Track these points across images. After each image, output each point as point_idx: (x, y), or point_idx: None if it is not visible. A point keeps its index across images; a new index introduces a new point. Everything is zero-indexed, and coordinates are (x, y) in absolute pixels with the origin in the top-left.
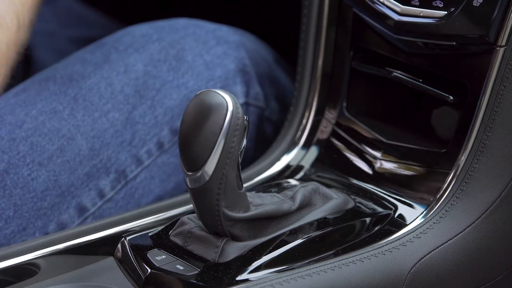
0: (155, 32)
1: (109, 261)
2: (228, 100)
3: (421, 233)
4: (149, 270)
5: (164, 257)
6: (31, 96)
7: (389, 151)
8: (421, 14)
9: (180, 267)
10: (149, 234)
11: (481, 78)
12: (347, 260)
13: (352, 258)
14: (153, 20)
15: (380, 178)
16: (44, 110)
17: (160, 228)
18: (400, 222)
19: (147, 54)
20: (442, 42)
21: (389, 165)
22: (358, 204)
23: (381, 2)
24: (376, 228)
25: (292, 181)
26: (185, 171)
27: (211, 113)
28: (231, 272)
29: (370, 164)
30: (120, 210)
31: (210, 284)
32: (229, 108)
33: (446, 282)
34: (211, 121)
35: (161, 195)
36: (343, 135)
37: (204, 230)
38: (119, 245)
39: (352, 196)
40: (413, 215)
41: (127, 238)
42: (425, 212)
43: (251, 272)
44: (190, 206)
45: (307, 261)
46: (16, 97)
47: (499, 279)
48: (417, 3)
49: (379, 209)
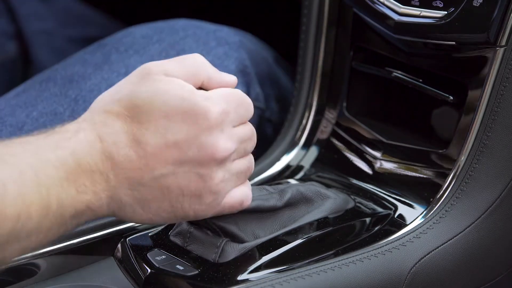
0: (155, 33)
1: (109, 261)
2: None
3: (421, 233)
4: (149, 270)
5: (164, 257)
6: (31, 97)
7: (389, 151)
8: (421, 14)
9: (180, 267)
10: (149, 234)
11: (481, 78)
12: (347, 260)
13: (352, 258)
14: (153, 19)
15: (380, 178)
16: (45, 111)
17: (160, 228)
18: (400, 222)
19: (147, 56)
20: (442, 42)
21: (389, 165)
22: (358, 204)
23: (381, 2)
24: (376, 228)
25: (292, 181)
26: None
27: None
28: (231, 272)
29: (370, 164)
30: None
31: (210, 284)
32: None
33: (446, 282)
34: None
35: None
36: (343, 135)
37: (203, 230)
38: (119, 245)
39: (352, 196)
40: (413, 215)
41: (127, 238)
42: (425, 212)
43: (251, 272)
44: None
45: (307, 261)
46: (17, 98)
47: (499, 279)
48: (417, 3)
49: (379, 209)
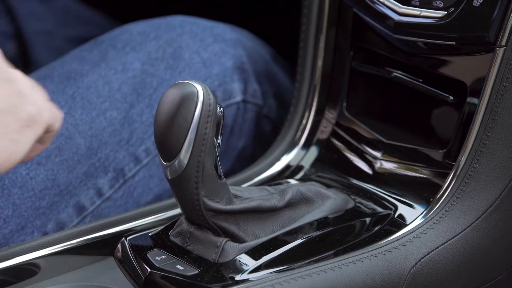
0: (152, 30)
1: (109, 261)
2: (199, 88)
3: (421, 233)
4: (149, 270)
5: (164, 257)
6: None
7: (389, 151)
8: (421, 14)
9: (180, 267)
10: (149, 234)
11: (481, 78)
12: (347, 260)
13: (352, 258)
14: (150, 17)
15: (380, 178)
16: None
17: (160, 228)
18: (400, 222)
19: (144, 53)
20: (442, 42)
21: (389, 165)
22: (358, 204)
23: (381, 2)
24: (376, 228)
25: (292, 181)
26: (163, 163)
27: (183, 101)
28: (231, 272)
29: (370, 164)
30: (119, 209)
31: (210, 284)
32: (200, 96)
33: (446, 282)
34: (183, 108)
35: (160, 194)
36: (343, 135)
37: (204, 230)
38: (119, 245)
39: (352, 196)
40: (413, 215)
41: (127, 238)
42: (425, 212)
43: (251, 272)
44: None
45: (307, 261)
46: None
47: (499, 279)
48: (417, 3)
49: (379, 209)
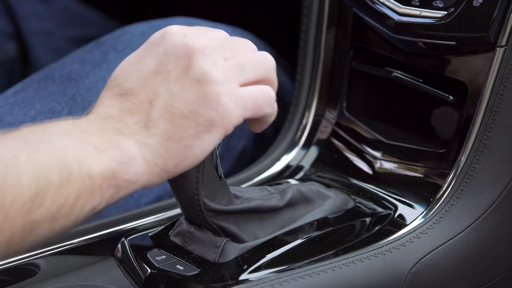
0: (153, 32)
1: (109, 261)
2: None
3: (421, 233)
4: (149, 270)
5: (164, 257)
6: (29, 95)
7: (389, 151)
8: (421, 14)
9: (180, 267)
10: (149, 234)
11: (481, 78)
12: (347, 260)
13: (352, 258)
14: (151, 18)
15: (380, 178)
16: (43, 110)
17: (160, 228)
18: (400, 222)
19: None
20: (442, 42)
21: (389, 165)
22: (358, 204)
23: (381, 2)
24: (376, 228)
25: (292, 181)
26: None
27: None
28: (231, 272)
29: (370, 164)
30: (119, 209)
31: (210, 284)
32: None
33: (446, 282)
34: None
35: (160, 195)
36: (343, 135)
37: (204, 230)
38: (119, 245)
39: (352, 196)
40: (413, 215)
41: (127, 238)
42: (425, 212)
43: (251, 272)
44: None
45: (307, 261)
46: (15, 96)
47: (499, 279)
48: (417, 3)
49: (379, 209)
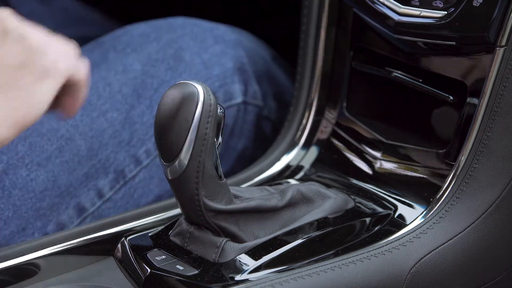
0: (152, 31)
1: (109, 261)
2: (199, 89)
3: (421, 233)
4: (149, 270)
5: (164, 257)
6: None
7: (389, 151)
8: (421, 14)
9: (180, 267)
10: (149, 234)
11: (481, 78)
12: (347, 260)
13: (352, 258)
14: (151, 18)
15: (380, 178)
16: None
17: (160, 228)
18: (400, 222)
19: (145, 54)
20: (442, 42)
21: (389, 165)
22: (358, 204)
23: (381, 2)
24: (376, 228)
25: (292, 181)
26: (163, 163)
27: (184, 101)
28: (231, 272)
29: (370, 164)
30: (119, 210)
31: (210, 284)
32: (201, 96)
33: (446, 282)
34: (184, 109)
35: (160, 195)
36: (343, 135)
37: (203, 230)
38: (119, 245)
39: (352, 196)
40: (413, 215)
41: (127, 238)
42: (425, 212)
43: (251, 272)
44: None
45: (307, 261)
46: None
47: (499, 279)
48: (417, 3)
49: (379, 209)
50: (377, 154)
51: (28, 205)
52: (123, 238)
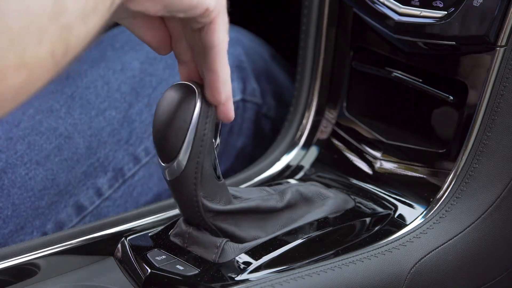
0: None
1: (109, 261)
2: (197, 89)
3: (421, 233)
4: (149, 270)
5: (164, 257)
6: None
7: (389, 151)
8: (421, 14)
9: (180, 267)
10: (149, 234)
11: (481, 78)
12: (347, 260)
13: (352, 258)
14: None
15: (380, 178)
16: (41, 108)
17: (160, 228)
18: (400, 222)
19: (143, 52)
20: (442, 42)
21: (389, 165)
22: (358, 204)
23: (381, 2)
24: (376, 228)
25: (292, 181)
26: (161, 164)
27: (182, 102)
28: (231, 272)
29: (370, 164)
30: (119, 208)
31: (210, 284)
32: (199, 96)
33: (446, 282)
34: (182, 109)
35: (159, 193)
36: (343, 135)
37: (202, 231)
38: (119, 245)
39: (352, 196)
40: (413, 215)
41: (127, 238)
42: (425, 212)
43: (251, 272)
44: None
45: (307, 261)
46: None
47: (499, 279)
48: (417, 3)
49: (379, 209)
50: (377, 154)
51: (27, 203)
52: (123, 238)
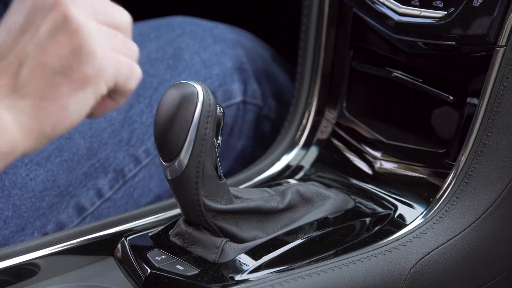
0: (152, 31)
1: (109, 261)
2: (198, 89)
3: (421, 233)
4: (149, 270)
5: (164, 257)
6: None
7: (389, 151)
8: (421, 14)
9: (180, 267)
10: (149, 234)
11: (481, 78)
12: (347, 260)
13: (352, 258)
14: (150, 18)
15: (380, 178)
16: None
17: (160, 228)
18: (400, 222)
19: (144, 53)
20: (442, 42)
21: (389, 165)
22: (358, 204)
23: (381, 2)
24: (376, 228)
25: (292, 181)
26: (162, 163)
27: (183, 101)
28: (231, 272)
29: (370, 164)
30: (119, 209)
31: (210, 284)
32: (200, 96)
33: (446, 282)
34: (183, 109)
35: (160, 194)
36: (343, 135)
37: (202, 231)
38: (119, 245)
39: (352, 196)
40: (413, 215)
41: (127, 238)
42: (425, 212)
43: (251, 272)
44: None
45: (307, 261)
46: None
47: (499, 279)
48: (417, 3)
49: (379, 209)
50: (377, 154)
51: (28, 204)
52: (123, 238)
